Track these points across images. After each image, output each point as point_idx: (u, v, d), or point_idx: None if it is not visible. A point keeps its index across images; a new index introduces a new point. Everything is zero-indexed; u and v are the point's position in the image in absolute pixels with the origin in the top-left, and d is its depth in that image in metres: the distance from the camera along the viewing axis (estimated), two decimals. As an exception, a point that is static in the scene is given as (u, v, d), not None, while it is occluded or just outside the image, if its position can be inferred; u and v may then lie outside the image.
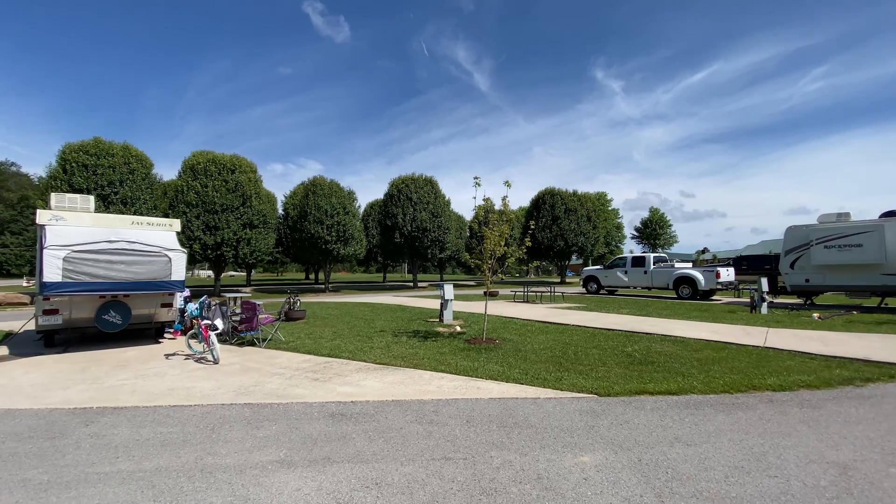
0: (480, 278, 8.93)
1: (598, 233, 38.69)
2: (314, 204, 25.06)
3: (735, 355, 6.71)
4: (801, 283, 14.84)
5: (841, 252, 13.67)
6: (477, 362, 6.46)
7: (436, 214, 29.23)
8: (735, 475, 2.95)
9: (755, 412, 4.21)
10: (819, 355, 6.59)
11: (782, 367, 5.90)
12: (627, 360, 6.56)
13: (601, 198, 55.96)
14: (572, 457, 3.31)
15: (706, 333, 8.66)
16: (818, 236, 14.14)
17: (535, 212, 36.70)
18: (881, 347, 7.15)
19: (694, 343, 7.75)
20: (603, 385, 5.18)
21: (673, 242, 60.64)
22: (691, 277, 17.79)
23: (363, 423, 4.11)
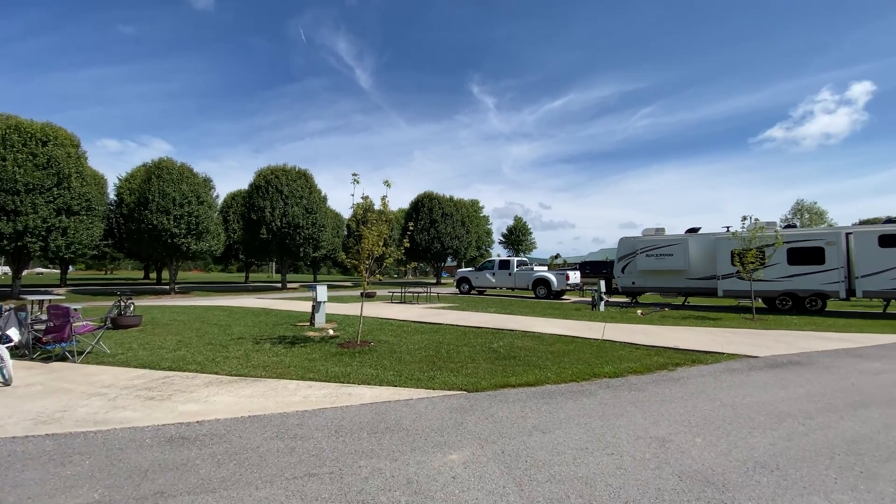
0: (358, 279, 8.61)
1: (471, 237, 41.09)
2: (159, 190, 21.43)
3: (581, 347, 7.67)
4: (629, 285, 17.85)
5: (658, 260, 16.82)
6: (350, 367, 6.17)
7: (310, 210, 27.58)
8: (582, 456, 3.28)
9: (596, 398, 4.81)
10: (642, 345, 7.92)
11: (616, 357, 6.92)
12: (493, 355, 6.97)
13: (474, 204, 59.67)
14: (442, 456, 3.32)
15: (558, 329, 9.76)
16: (642, 246, 17.17)
17: (414, 214, 37.31)
18: (686, 338, 8.92)
19: (549, 338, 8.65)
20: (472, 381, 5.39)
21: (533, 248, 67.68)
22: (547, 279, 20.05)
23: (210, 446, 3.53)
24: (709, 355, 7.05)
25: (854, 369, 6.14)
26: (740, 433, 3.73)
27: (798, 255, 14.02)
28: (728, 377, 5.70)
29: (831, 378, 5.64)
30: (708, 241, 15.92)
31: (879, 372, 6.00)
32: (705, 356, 6.98)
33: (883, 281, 12.98)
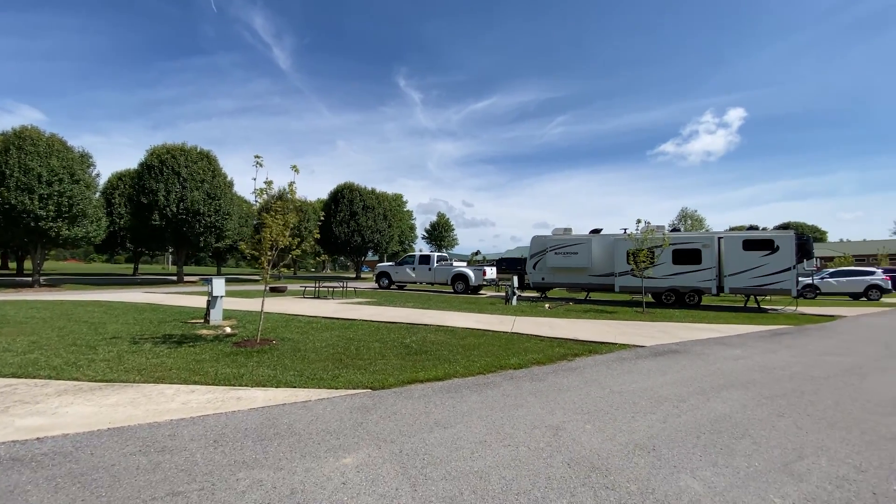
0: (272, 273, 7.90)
1: (394, 231, 40.62)
2: (19, 164, 18.04)
3: (491, 340, 7.85)
4: (540, 281, 18.86)
5: (565, 258, 17.97)
6: (244, 368, 5.62)
7: (213, 196, 25.18)
8: (479, 450, 3.26)
9: (499, 389, 4.89)
10: (547, 337, 8.33)
11: (522, 349, 7.17)
12: (405, 350, 6.84)
13: (398, 199, 59.16)
14: (334, 460, 3.09)
15: (472, 323, 9.94)
16: (551, 245, 18.22)
17: (333, 205, 35.87)
18: (586, 330, 9.57)
19: (461, 331, 8.74)
20: (379, 378, 5.19)
21: (455, 244, 69.16)
22: (465, 275, 20.48)
23: (50, 468, 2.93)
24: (604, 346, 7.61)
25: (720, 356, 7.03)
26: (625, 418, 4.00)
27: (681, 255, 15.87)
28: (618, 365, 6.18)
29: (702, 364, 6.38)
30: (608, 241, 17.37)
31: (739, 357, 6.92)
32: (601, 346, 7.52)
33: (745, 279, 15.19)
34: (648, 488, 2.72)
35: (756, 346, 8.01)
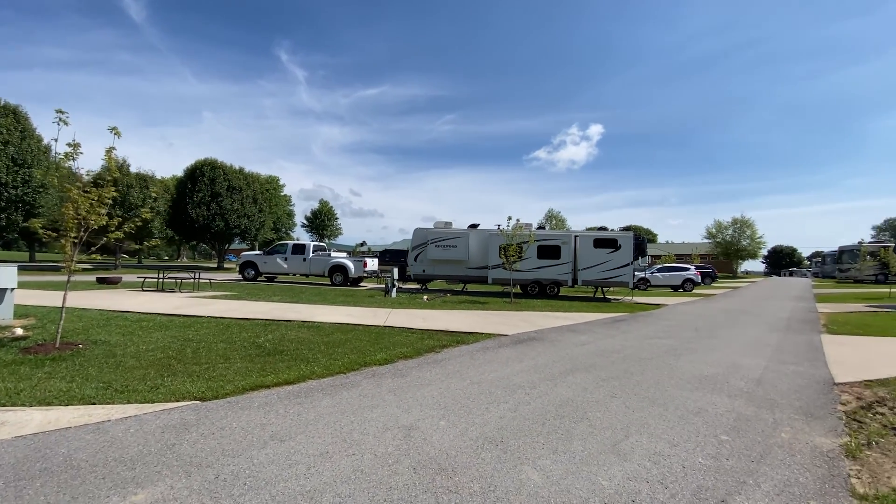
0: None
1: (266, 217, 37.15)
2: None
3: (360, 335, 7.42)
4: (421, 273, 18.94)
5: (445, 250, 18.30)
6: (28, 381, 4.31)
7: (20, 162, 19.86)
8: (318, 464, 2.85)
9: (357, 389, 4.52)
10: (419, 330, 8.21)
11: (392, 343, 6.90)
12: (256, 351, 6.03)
13: (273, 181, 54.29)
14: (119, 500, 2.38)
15: (342, 317, 9.36)
16: (433, 237, 18.40)
17: (189, 184, 31.23)
18: (458, 320, 9.72)
19: (329, 327, 8.13)
20: (213, 386, 4.40)
21: (338, 234, 66.44)
22: (344, 266, 19.57)
23: None
24: (471, 336, 7.77)
25: (570, 342, 7.68)
26: (479, 409, 3.97)
27: (544, 251, 17.38)
28: (481, 355, 6.30)
29: (554, 350, 6.87)
30: (484, 236, 18.20)
31: (585, 343, 7.65)
32: (468, 337, 7.66)
33: (595, 273, 17.27)
34: (490, 486, 2.63)
35: (599, 332, 9.02)
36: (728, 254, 58.57)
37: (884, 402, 4.74)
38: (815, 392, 4.97)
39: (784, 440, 3.52)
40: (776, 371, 5.92)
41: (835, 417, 4.16)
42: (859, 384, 5.41)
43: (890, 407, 4.58)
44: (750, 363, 6.36)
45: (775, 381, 5.42)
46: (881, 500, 2.63)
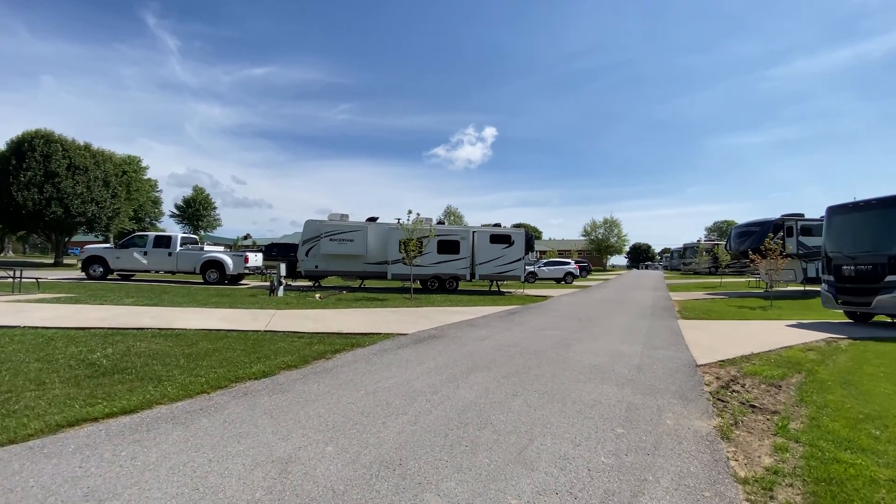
0: None
1: (123, 203, 31.44)
2: None
3: (233, 344, 6.33)
4: (313, 269, 17.58)
5: (341, 245, 17.22)
6: None
7: None
8: (148, 534, 2.08)
9: (222, 414, 3.68)
10: (308, 333, 7.35)
11: (273, 350, 6.00)
12: (87, 371, 4.68)
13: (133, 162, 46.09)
14: None
15: (214, 321, 8.02)
16: (326, 230, 17.18)
17: (15, 160, 24.92)
18: (354, 320, 9.01)
19: (192, 335, 6.83)
20: (8, 425, 3.19)
21: (216, 225, 59.32)
22: (220, 261, 17.24)
23: None
24: (368, 337, 7.18)
25: (470, 338, 7.56)
26: (374, 426, 3.47)
27: (444, 246, 17.40)
28: (379, 358, 5.78)
29: (455, 347, 6.64)
30: (383, 230, 17.56)
31: (484, 338, 7.58)
32: (365, 338, 7.06)
33: (491, 267, 17.80)
34: (387, 530, 2.16)
35: (497, 325, 9.11)
36: (600, 250, 66.24)
37: (736, 380, 5.39)
38: (685, 375, 5.46)
39: (670, 427, 3.67)
40: (651, 356, 6.45)
41: (704, 399, 4.54)
42: (715, 364, 6.13)
43: (742, 384, 5.21)
44: (629, 350, 6.86)
45: (652, 366, 5.86)
46: (759, 483, 2.77)
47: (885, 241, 9.80)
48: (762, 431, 3.71)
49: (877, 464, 3.04)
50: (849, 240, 10.70)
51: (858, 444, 3.36)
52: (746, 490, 2.70)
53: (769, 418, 4.03)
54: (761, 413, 4.18)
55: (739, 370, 5.81)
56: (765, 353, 6.82)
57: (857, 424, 3.81)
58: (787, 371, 5.71)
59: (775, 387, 5.08)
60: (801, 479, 2.82)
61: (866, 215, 10.46)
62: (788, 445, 3.37)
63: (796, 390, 4.91)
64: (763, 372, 5.62)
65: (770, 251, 15.13)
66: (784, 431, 3.65)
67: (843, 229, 10.96)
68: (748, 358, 6.52)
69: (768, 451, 3.29)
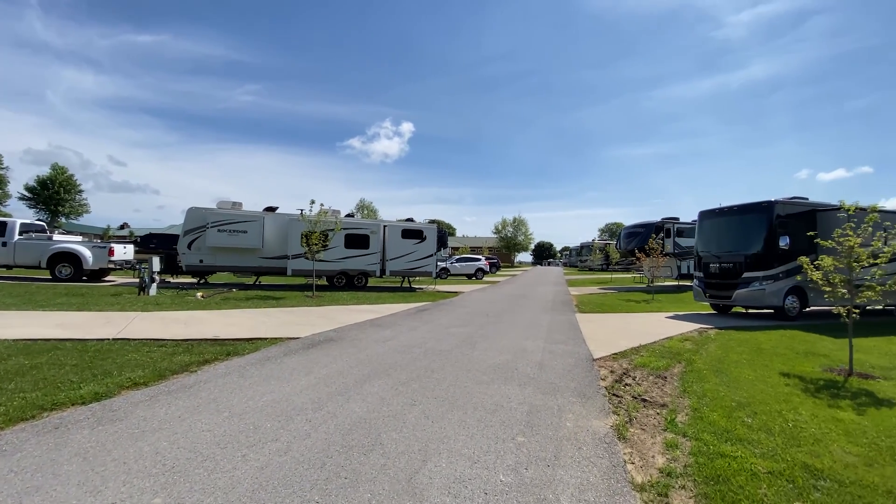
0: None
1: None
2: None
3: (63, 357, 4.99)
4: (196, 264, 15.47)
5: (231, 236, 15.36)
6: None
7: None
8: None
9: (8, 461, 2.68)
10: (173, 340, 6.16)
11: (120, 364, 4.83)
12: None
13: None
14: None
15: (45, 328, 6.38)
16: (214, 220, 15.21)
17: None
18: (237, 323, 7.86)
19: (7, 348, 5.29)
20: None
21: (83, 212, 50.39)
22: (73, 253, 14.33)
23: None
24: (250, 343, 6.24)
25: (372, 339, 6.98)
26: (231, 461, 2.77)
27: (352, 240, 16.47)
28: (258, 369, 4.95)
29: (353, 352, 6.02)
30: (283, 221, 16.08)
31: (388, 339, 7.06)
32: (245, 345, 6.11)
33: (403, 263, 17.29)
34: None
35: (404, 324, 8.65)
36: (509, 247, 69.48)
37: (628, 373, 5.58)
38: (583, 371, 5.51)
39: (570, 430, 3.51)
40: (552, 352, 6.48)
41: (600, 395, 4.54)
42: (609, 358, 6.34)
43: (633, 377, 5.39)
44: (532, 346, 6.85)
45: (553, 362, 5.85)
46: (655, 488, 2.66)
47: (743, 242, 11.25)
48: (654, 427, 3.73)
49: (754, 454, 3.14)
50: (715, 241, 12.12)
51: (736, 434, 3.50)
52: (644, 499, 2.56)
53: (659, 412, 4.11)
54: (652, 407, 4.27)
55: (630, 362, 6.06)
56: (650, 345, 7.28)
57: (732, 413, 4.04)
58: (670, 362, 6.08)
59: (661, 378, 5.32)
60: (692, 480, 2.77)
61: (728, 220, 11.93)
62: (678, 441, 3.39)
63: (679, 381, 5.18)
64: (650, 363, 5.90)
65: (653, 250, 16.80)
66: (673, 426, 3.70)
67: (711, 232, 12.39)
68: (637, 350, 6.88)
69: (661, 450, 3.26)
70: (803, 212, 10.87)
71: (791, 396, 4.63)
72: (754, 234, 10.97)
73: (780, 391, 4.82)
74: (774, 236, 10.53)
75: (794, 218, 10.71)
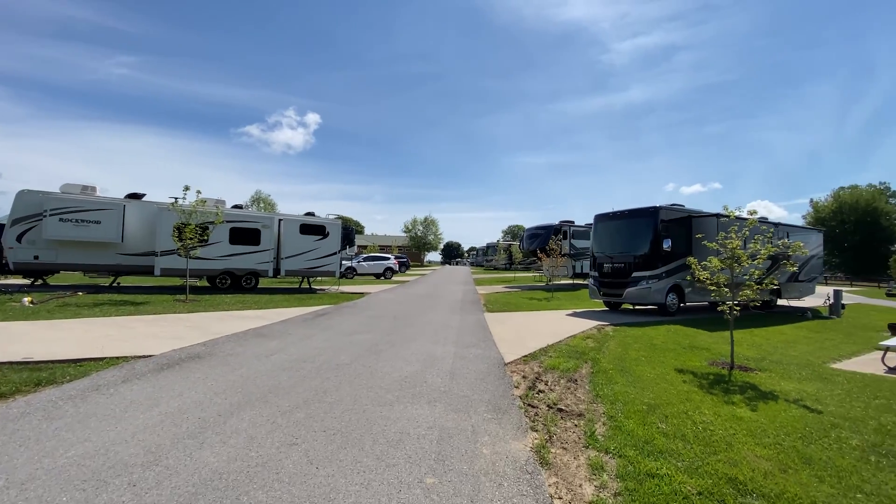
0: None
1: None
2: None
3: None
4: (29, 261, 12.29)
5: (79, 227, 12.48)
6: None
7: None
8: None
9: None
10: (-51, 367, 4.39)
11: None
12: None
13: None
14: None
15: None
16: (55, 207, 12.21)
17: None
18: (67, 338, 6.07)
19: None
20: None
21: None
22: None
23: None
24: (77, 366, 4.71)
25: (253, 353, 5.82)
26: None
27: (239, 235, 14.46)
28: (74, 406, 3.62)
29: (223, 372, 4.86)
30: (150, 211, 13.52)
31: (274, 352, 5.96)
32: (70, 369, 4.59)
33: (301, 262, 15.70)
34: None
35: (296, 332, 7.53)
36: (419, 246, 69.33)
37: (540, 377, 5.30)
38: (496, 378, 5.09)
39: (488, 460, 2.97)
40: (463, 358, 6.01)
41: (516, 408, 4.11)
42: (520, 361, 6.05)
43: (546, 382, 5.11)
44: (442, 352, 6.31)
45: (464, 370, 5.35)
46: (591, 535, 2.21)
47: (632, 244, 12.08)
48: (575, 444, 3.37)
49: (679, 469, 2.91)
50: (608, 243, 12.90)
51: (656, 446, 3.28)
52: (580, 552, 2.08)
53: (577, 424, 3.80)
54: (569, 417, 3.95)
55: (541, 365, 5.83)
56: (557, 345, 7.22)
57: (646, 418, 3.88)
58: (578, 362, 5.98)
59: (573, 381, 5.13)
60: (626, 515, 2.39)
61: (619, 223, 12.77)
62: (602, 461, 3.04)
63: (590, 383, 5.03)
64: (560, 365, 5.73)
65: (553, 251, 17.58)
66: (594, 441, 3.38)
67: (604, 234, 13.17)
68: (545, 351, 6.74)
69: (587, 474, 2.87)
70: (681, 217, 11.99)
71: (691, 394, 4.70)
72: (642, 237, 11.81)
73: (680, 389, 4.89)
74: (659, 239, 11.45)
75: (674, 223, 11.76)
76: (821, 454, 3.29)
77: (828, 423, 3.96)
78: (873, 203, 48.19)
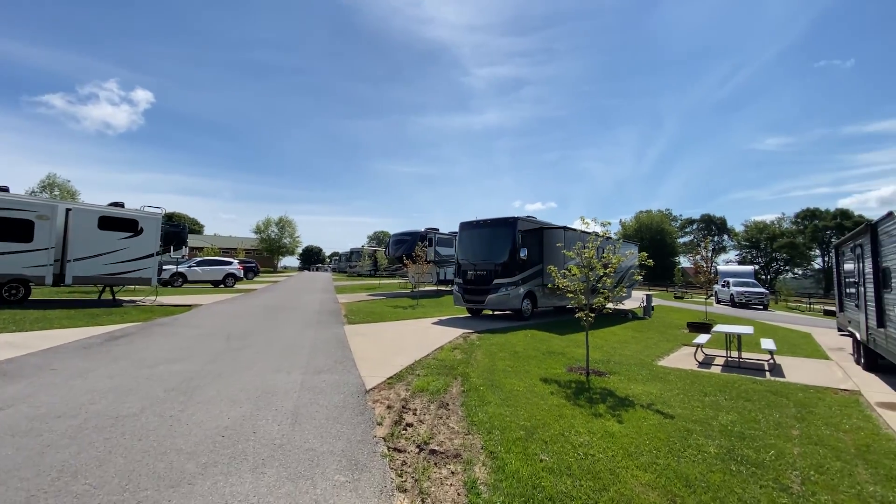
0: None
1: None
2: None
3: None
4: None
5: None
6: None
7: None
8: None
9: None
10: None
11: None
12: None
13: None
14: None
15: None
16: None
17: None
18: None
19: None
20: None
21: None
22: None
23: None
24: None
25: (-37, 409, 3.68)
26: None
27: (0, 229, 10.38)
28: None
29: None
30: None
31: (13, 403, 3.89)
32: None
33: (98, 266, 12.05)
34: None
35: (63, 366, 5.28)
36: (272, 250, 62.83)
37: (407, 406, 4.48)
38: (353, 415, 4.09)
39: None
40: (312, 389, 4.84)
41: (378, 457, 3.21)
42: (384, 385, 5.16)
43: (414, 412, 4.32)
44: (285, 382, 5.03)
45: (312, 407, 4.22)
46: None
47: (494, 252, 12.32)
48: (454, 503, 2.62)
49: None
50: (472, 250, 12.98)
51: (546, 492, 2.74)
52: None
53: (454, 471, 3.07)
54: (444, 462, 3.21)
55: (408, 388, 5.04)
56: (425, 359, 6.57)
57: (527, 448, 3.39)
58: (448, 380, 5.39)
59: (444, 407, 4.45)
60: None
61: (482, 231, 12.97)
62: (489, 530, 2.34)
63: (462, 407, 4.42)
64: (429, 386, 5.04)
65: (419, 257, 17.22)
66: (476, 497, 2.68)
67: (468, 242, 13.24)
68: (413, 368, 6.00)
69: (473, 559, 2.12)
70: (535, 228, 12.72)
71: (562, 409, 4.45)
72: (502, 246, 12.13)
73: (551, 403, 4.64)
74: (516, 248, 11.88)
75: (529, 233, 12.38)
76: (693, 470, 3.18)
77: (683, 429, 4.04)
78: (661, 224, 61.35)
